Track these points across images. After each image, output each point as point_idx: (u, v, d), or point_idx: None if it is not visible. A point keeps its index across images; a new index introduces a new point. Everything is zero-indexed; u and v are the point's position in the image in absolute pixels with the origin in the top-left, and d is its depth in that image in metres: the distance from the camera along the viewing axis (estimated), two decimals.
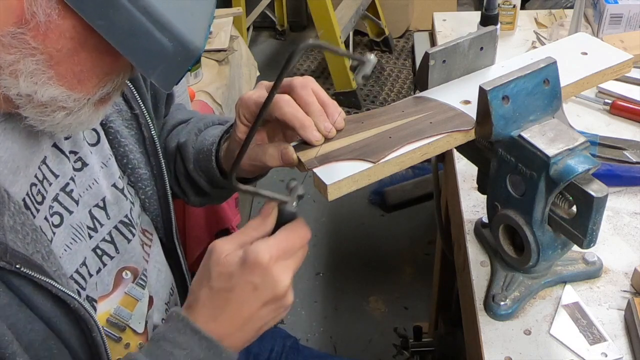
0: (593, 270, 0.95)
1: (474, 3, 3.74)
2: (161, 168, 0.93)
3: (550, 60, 0.80)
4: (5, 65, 0.62)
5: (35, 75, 0.62)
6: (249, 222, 0.74)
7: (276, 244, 0.70)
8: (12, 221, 0.66)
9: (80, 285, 0.79)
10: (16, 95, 0.64)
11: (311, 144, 0.78)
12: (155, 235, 0.97)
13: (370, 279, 2.28)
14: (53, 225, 0.76)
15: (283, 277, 0.70)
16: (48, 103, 0.65)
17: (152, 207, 0.95)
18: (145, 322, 0.89)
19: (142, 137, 0.91)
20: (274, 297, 0.71)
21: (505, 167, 0.83)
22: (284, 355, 1.18)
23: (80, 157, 0.82)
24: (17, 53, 0.61)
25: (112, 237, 0.86)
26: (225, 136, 0.94)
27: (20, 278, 0.67)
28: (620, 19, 1.49)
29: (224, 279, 0.70)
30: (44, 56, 0.61)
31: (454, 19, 1.65)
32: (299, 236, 0.72)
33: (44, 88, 0.63)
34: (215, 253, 0.71)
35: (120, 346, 0.86)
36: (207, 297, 0.72)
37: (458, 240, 1.12)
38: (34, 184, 0.74)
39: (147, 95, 0.93)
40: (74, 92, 0.65)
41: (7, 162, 0.70)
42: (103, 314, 0.84)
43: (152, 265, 0.93)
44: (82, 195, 0.82)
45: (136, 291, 0.88)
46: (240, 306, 0.71)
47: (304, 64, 3.42)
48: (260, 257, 0.69)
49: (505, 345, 0.88)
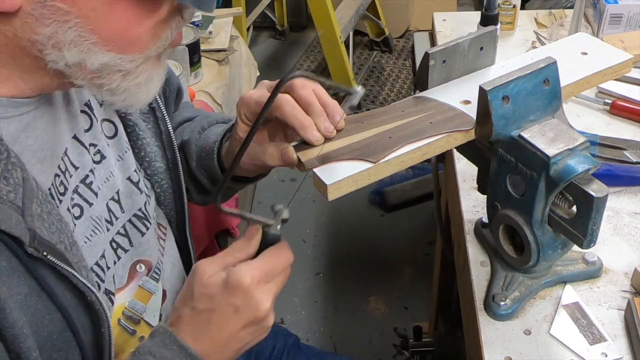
0: (593, 270, 0.95)
1: (474, 3, 3.74)
2: (176, 162, 0.94)
3: (550, 60, 0.80)
4: (45, 40, 0.61)
5: (78, 43, 0.61)
6: (233, 243, 0.75)
7: (258, 267, 0.71)
8: (40, 209, 0.66)
9: (100, 277, 0.79)
10: (65, 66, 0.63)
11: (311, 144, 0.78)
12: (169, 229, 0.98)
13: (370, 279, 2.28)
14: (74, 217, 0.76)
15: (264, 299, 0.71)
16: (101, 69, 0.64)
17: (167, 201, 0.96)
18: (159, 315, 0.89)
19: (158, 131, 0.92)
20: (254, 319, 0.72)
21: (505, 167, 0.83)
22: (286, 353, 1.18)
23: (99, 150, 0.82)
24: (53, 23, 0.60)
25: (127, 230, 0.86)
26: (227, 135, 0.94)
27: (45, 267, 0.67)
28: (620, 19, 1.49)
29: (206, 300, 0.72)
30: (80, 20, 0.60)
31: (454, 19, 1.65)
32: (281, 259, 0.73)
33: (90, 55, 0.62)
34: (199, 273, 0.73)
35: (135, 339, 0.86)
36: (189, 317, 0.73)
37: (458, 240, 1.12)
38: (57, 175, 0.74)
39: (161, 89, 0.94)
40: (126, 54, 0.64)
41: (37, 151, 0.70)
42: (118, 307, 0.84)
43: (166, 259, 0.94)
44: (100, 187, 0.82)
45: (150, 284, 0.88)
46: (221, 327, 0.72)
47: (304, 64, 3.42)
48: (243, 280, 0.70)
49: (505, 345, 0.88)
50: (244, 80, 2.02)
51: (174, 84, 1.01)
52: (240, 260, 0.73)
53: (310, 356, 1.21)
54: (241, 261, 0.73)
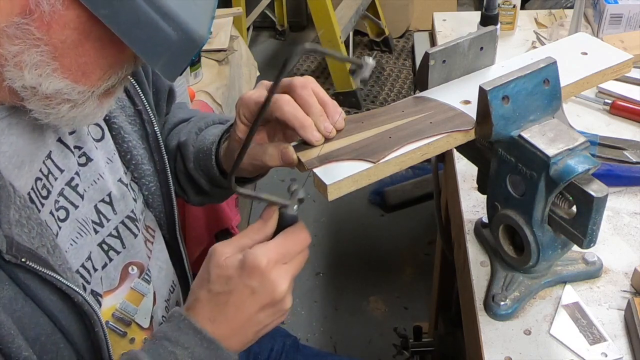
0: (593, 270, 0.95)
1: (474, 3, 3.74)
2: (164, 164, 0.94)
3: (550, 60, 0.80)
4: (9, 56, 0.61)
5: (39, 67, 0.62)
6: (250, 225, 0.74)
7: (275, 248, 0.71)
8: (18, 215, 0.66)
9: (86, 279, 0.79)
10: (21, 88, 0.64)
11: (311, 144, 0.78)
12: (158, 232, 0.97)
13: (370, 279, 2.28)
14: (59, 219, 0.76)
15: (281, 281, 0.71)
16: (53, 96, 0.65)
17: (156, 203, 0.96)
18: (150, 317, 0.89)
19: (145, 133, 0.92)
20: (271, 301, 0.71)
21: (505, 167, 0.83)
22: (284, 354, 1.18)
23: (85, 152, 0.82)
24: (22, 44, 0.61)
25: (119, 232, 0.86)
26: (225, 135, 0.94)
27: (25, 272, 0.67)
28: (620, 19, 1.49)
29: (222, 282, 0.71)
30: (48, 47, 0.61)
31: (454, 19, 1.65)
32: (298, 240, 0.73)
33: (48, 80, 0.63)
34: (215, 256, 0.72)
35: (125, 341, 0.86)
36: (206, 299, 0.73)
37: (458, 240, 1.12)
38: (39, 179, 0.74)
39: (150, 91, 0.94)
40: (78, 85, 0.65)
41: (12, 157, 0.70)
42: (109, 309, 0.84)
43: (153, 262, 0.93)
44: (87, 190, 0.82)
45: (142, 286, 0.88)
46: (238, 309, 0.72)
47: (304, 64, 3.42)
48: (259, 261, 0.69)
49: (505, 345, 0.88)
50: (244, 80, 2.02)
51: (166, 85, 1.01)
52: (257, 242, 0.73)
53: (309, 357, 1.21)
54: (258, 243, 0.72)
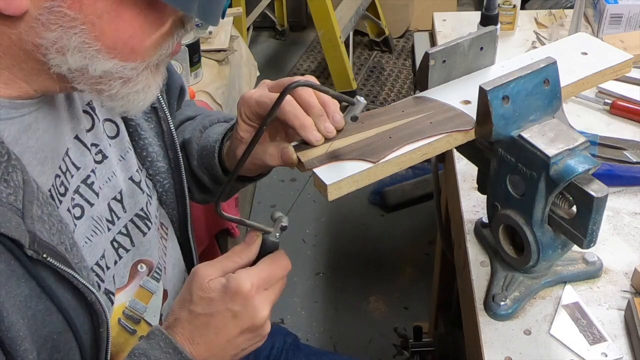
0: (593, 270, 0.95)
1: (474, 3, 3.74)
2: (178, 161, 0.94)
3: (550, 60, 0.80)
4: (49, 44, 0.61)
5: (82, 49, 0.62)
6: (233, 248, 0.76)
7: (258, 274, 0.73)
8: (40, 211, 0.66)
9: (100, 277, 0.79)
10: (67, 71, 0.64)
11: (311, 144, 0.78)
12: (171, 230, 0.98)
13: (370, 279, 2.28)
14: (75, 217, 0.76)
15: (262, 307, 0.73)
16: (104, 76, 0.64)
17: (169, 201, 0.96)
18: (160, 315, 0.89)
19: (160, 130, 0.92)
20: (252, 325, 0.73)
21: (505, 167, 0.83)
22: (285, 352, 1.18)
23: (101, 150, 0.82)
24: (58, 29, 0.60)
25: (128, 230, 0.86)
26: (228, 134, 0.95)
27: (45, 268, 0.67)
28: (620, 19, 1.49)
29: (204, 304, 0.73)
30: (86, 27, 0.60)
31: (454, 19, 1.65)
32: (280, 267, 0.75)
33: (94, 62, 0.63)
34: (199, 277, 0.73)
35: (135, 339, 0.86)
36: (187, 320, 0.74)
37: (458, 240, 1.12)
38: (58, 175, 0.74)
39: (163, 89, 0.93)
40: (128, 62, 0.64)
41: (37, 153, 0.70)
42: (119, 307, 0.84)
43: (168, 259, 0.94)
44: (102, 187, 0.82)
45: (151, 284, 0.88)
46: (218, 332, 0.73)
47: (304, 64, 3.42)
48: (242, 286, 0.71)
49: (505, 345, 0.88)
50: (244, 80, 2.02)
51: (177, 82, 1.02)
52: (239, 265, 0.75)
53: (309, 355, 1.21)
54: (240, 266, 0.74)
